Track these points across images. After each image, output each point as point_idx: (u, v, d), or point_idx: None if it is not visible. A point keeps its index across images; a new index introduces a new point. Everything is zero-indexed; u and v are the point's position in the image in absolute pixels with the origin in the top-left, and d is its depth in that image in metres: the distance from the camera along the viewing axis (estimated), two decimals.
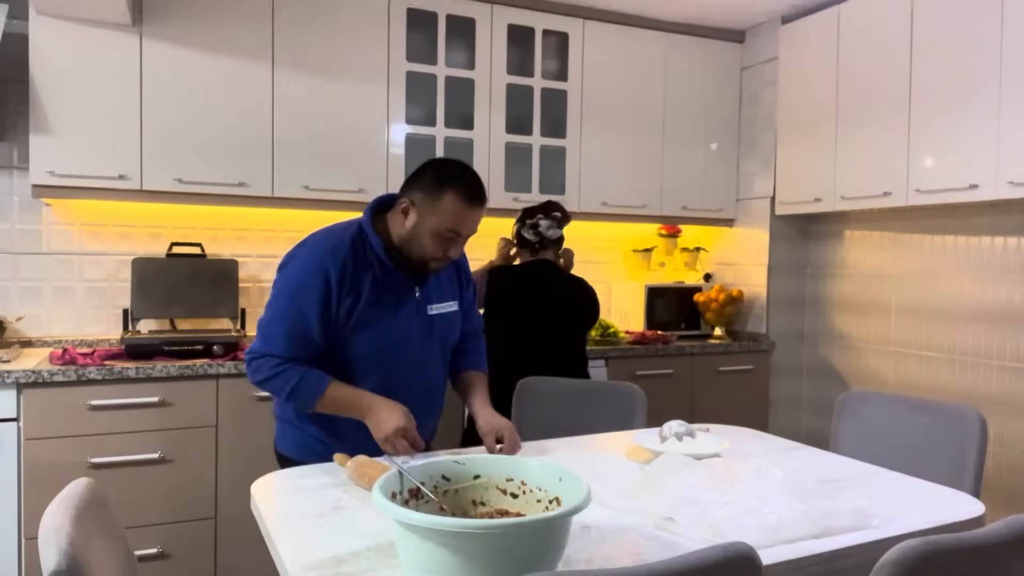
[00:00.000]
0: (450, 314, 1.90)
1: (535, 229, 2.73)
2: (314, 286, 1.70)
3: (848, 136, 3.33)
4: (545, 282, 2.74)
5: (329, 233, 1.79)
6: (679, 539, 1.32)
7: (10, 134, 2.95)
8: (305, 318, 1.70)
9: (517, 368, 2.51)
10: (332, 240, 1.76)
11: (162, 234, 3.15)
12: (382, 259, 1.76)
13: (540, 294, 2.71)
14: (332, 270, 1.71)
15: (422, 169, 1.77)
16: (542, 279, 2.74)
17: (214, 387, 2.69)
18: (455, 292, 1.93)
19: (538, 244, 2.75)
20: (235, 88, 2.95)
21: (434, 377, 1.90)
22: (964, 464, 1.95)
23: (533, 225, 2.73)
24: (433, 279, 1.86)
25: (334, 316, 1.72)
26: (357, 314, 1.73)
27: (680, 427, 1.92)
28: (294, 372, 1.71)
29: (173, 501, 2.64)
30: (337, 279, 1.71)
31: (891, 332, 3.43)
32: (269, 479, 1.65)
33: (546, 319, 2.70)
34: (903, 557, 1.02)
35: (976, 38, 2.79)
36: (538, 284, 2.73)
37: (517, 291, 2.71)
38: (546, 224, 2.73)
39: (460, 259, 1.94)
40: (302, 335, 1.71)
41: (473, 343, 2.04)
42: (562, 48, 3.55)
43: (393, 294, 1.78)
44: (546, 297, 2.72)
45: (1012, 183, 2.66)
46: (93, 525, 1.18)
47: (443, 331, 1.89)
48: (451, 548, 1.04)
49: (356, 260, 1.74)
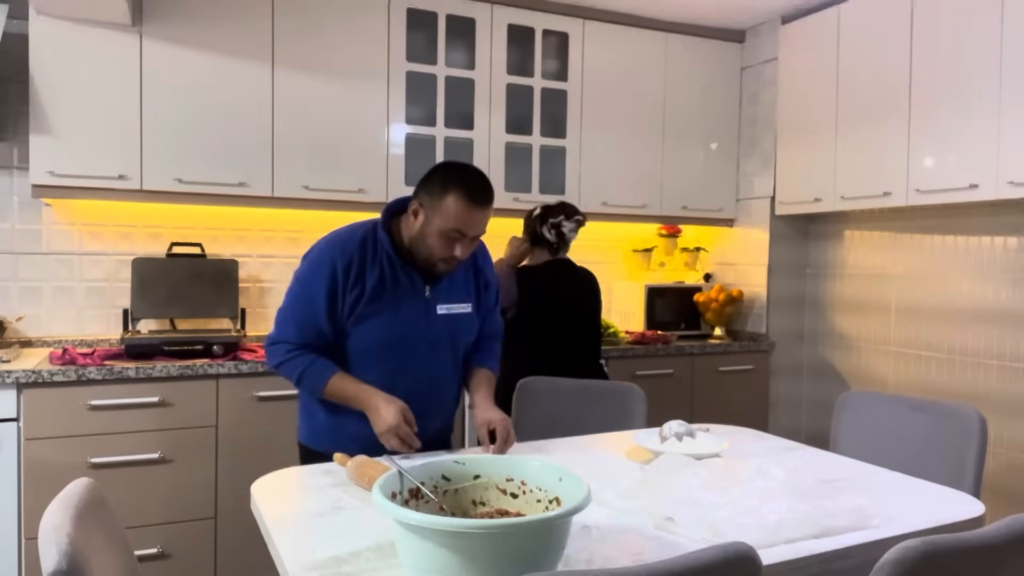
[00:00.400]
0: (463, 315, 1.92)
1: (557, 230, 2.75)
2: (322, 277, 1.77)
3: (848, 136, 3.33)
4: (579, 281, 2.81)
5: (346, 229, 1.86)
6: (679, 539, 1.32)
7: (10, 134, 2.95)
8: (314, 307, 1.78)
9: (558, 364, 2.59)
10: (345, 235, 1.83)
11: (162, 234, 3.15)
12: (391, 256, 1.81)
13: (576, 292, 2.78)
14: (340, 262, 1.77)
15: (431, 172, 1.81)
16: (574, 278, 2.80)
17: (214, 387, 2.69)
18: (470, 294, 1.95)
19: (557, 245, 2.78)
20: (235, 88, 2.95)
21: (441, 376, 1.92)
22: (964, 464, 1.95)
23: (555, 226, 2.75)
24: (447, 280, 1.89)
25: (340, 307, 1.78)
26: (360, 307, 1.78)
27: (680, 427, 1.92)
28: (303, 359, 1.80)
29: (173, 501, 2.64)
30: (343, 271, 1.77)
31: (891, 332, 3.43)
32: (269, 479, 1.65)
33: (581, 316, 2.78)
34: (903, 557, 1.02)
35: (976, 38, 2.79)
36: (572, 283, 2.79)
37: (556, 290, 2.75)
38: (569, 227, 2.76)
39: (481, 262, 1.98)
40: (311, 324, 1.79)
41: (488, 344, 2.06)
42: (562, 48, 3.55)
43: (398, 291, 1.82)
44: (582, 295, 2.79)
45: (1012, 183, 2.66)
46: (93, 525, 1.18)
47: (453, 331, 1.90)
48: (451, 548, 1.04)
49: (364, 255, 1.80)
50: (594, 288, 2.86)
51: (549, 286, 2.75)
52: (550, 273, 2.78)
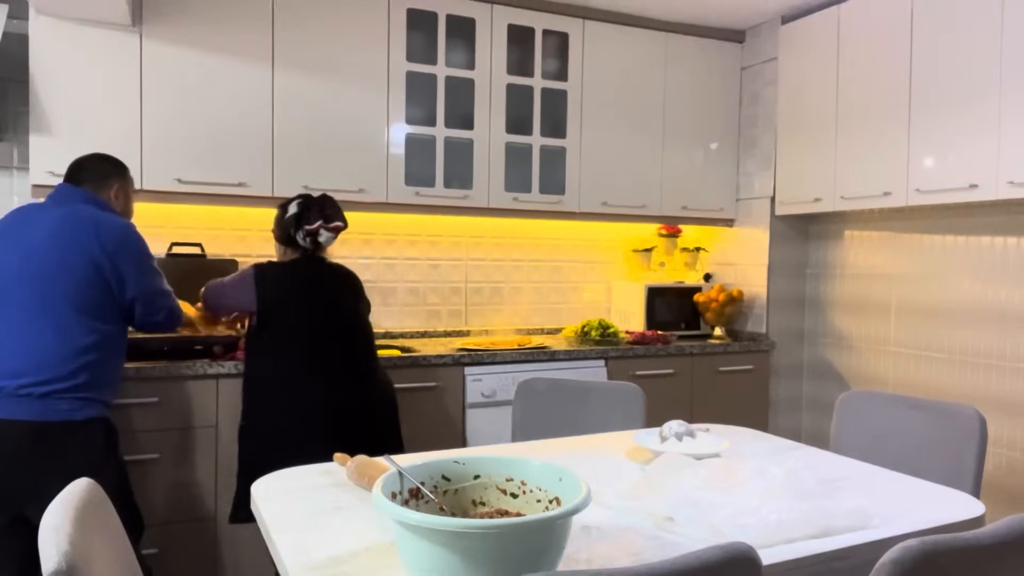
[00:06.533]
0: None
1: (313, 238, 2.46)
2: None
3: (848, 136, 3.33)
4: (337, 277, 2.52)
5: None
6: (679, 539, 1.32)
7: (10, 134, 2.94)
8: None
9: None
10: None
11: (162, 234, 3.15)
12: None
13: (337, 292, 2.51)
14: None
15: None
16: (340, 274, 2.53)
17: (214, 387, 2.69)
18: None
19: (312, 250, 2.49)
20: (235, 88, 2.95)
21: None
22: (964, 464, 1.95)
23: (311, 233, 2.45)
24: None
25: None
26: None
27: (680, 427, 1.92)
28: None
29: (173, 501, 2.64)
30: None
31: (891, 332, 3.43)
32: (269, 479, 1.65)
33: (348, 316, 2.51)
34: (903, 557, 1.02)
35: (976, 38, 2.79)
36: (333, 280, 2.51)
37: (304, 290, 2.45)
38: (326, 237, 2.47)
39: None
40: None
41: None
42: (562, 48, 3.55)
43: None
44: (343, 293, 2.52)
45: (1012, 183, 2.66)
46: (93, 525, 1.18)
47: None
48: (451, 548, 1.04)
49: None
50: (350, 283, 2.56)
51: (305, 284, 2.47)
52: (312, 274, 2.49)
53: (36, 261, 2.04)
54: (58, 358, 2.00)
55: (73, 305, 2.04)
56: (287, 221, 2.47)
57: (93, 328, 2.06)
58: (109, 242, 2.09)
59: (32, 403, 1.97)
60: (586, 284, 4.01)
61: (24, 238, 2.07)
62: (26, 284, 2.02)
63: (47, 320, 2.01)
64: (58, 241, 2.06)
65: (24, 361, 1.98)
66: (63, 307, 2.03)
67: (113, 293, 2.11)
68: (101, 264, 2.07)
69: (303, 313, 2.40)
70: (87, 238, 2.07)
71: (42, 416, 1.97)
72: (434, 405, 3.02)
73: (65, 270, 2.04)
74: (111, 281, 2.10)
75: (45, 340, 2.00)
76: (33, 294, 2.02)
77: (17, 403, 1.96)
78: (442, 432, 3.02)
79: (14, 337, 2.01)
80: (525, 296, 3.86)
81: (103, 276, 2.08)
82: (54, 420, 1.98)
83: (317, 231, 2.45)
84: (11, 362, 1.99)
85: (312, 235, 2.45)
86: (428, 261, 3.66)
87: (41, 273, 2.03)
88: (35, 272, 2.03)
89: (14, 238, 2.09)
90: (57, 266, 2.03)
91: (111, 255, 2.09)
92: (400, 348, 3.21)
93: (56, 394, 1.99)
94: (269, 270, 2.44)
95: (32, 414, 1.96)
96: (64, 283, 2.03)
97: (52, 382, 1.98)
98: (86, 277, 2.06)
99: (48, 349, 2.00)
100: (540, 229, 3.86)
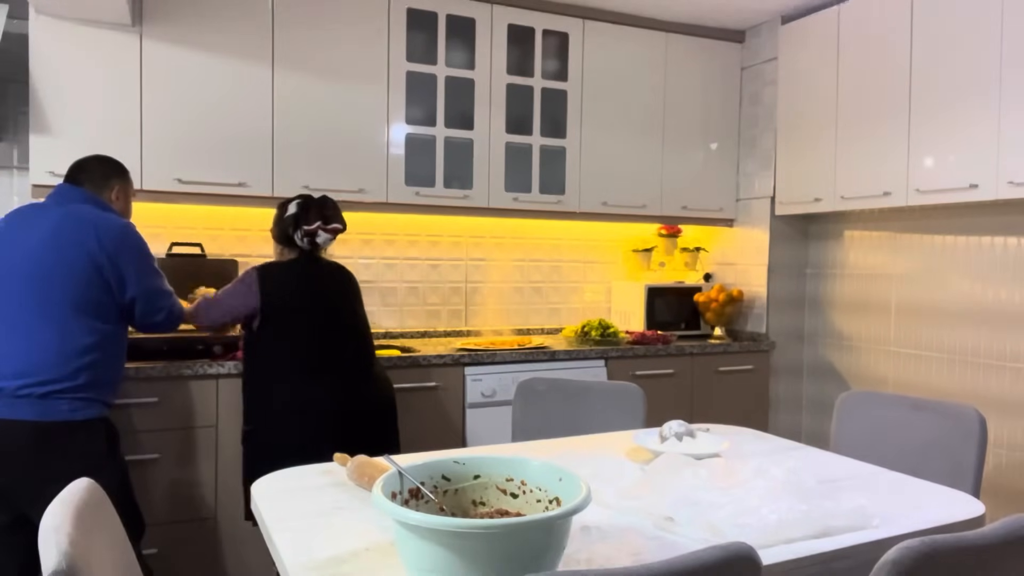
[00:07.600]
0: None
1: (311, 239, 2.47)
2: None
3: (848, 136, 3.33)
4: (336, 277, 2.55)
5: None
6: (679, 539, 1.32)
7: (10, 134, 2.94)
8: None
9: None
10: None
11: (162, 234, 3.15)
12: None
13: (337, 291, 2.52)
14: None
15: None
16: (339, 273, 2.55)
17: (214, 387, 2.69)
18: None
19: (309, 250, 2.50)
20: (235, 88, 2.95)
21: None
22: (964, 464, 1.95)
23: (309, 234, 2.45)
24: None
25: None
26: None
27: (680, 427, 1.92)
28: None
29: (173, 501, 2.64)
30: None
31: (891, 332, 3.43)
32: (269, 479, 1.65)
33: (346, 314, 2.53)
34: (903, 557, 1.02)
35: (976, 38, 2.79)
36: (333, 280, 2.53)
37: (305, 291, 2.47)
38: (324, 238, 2.48)
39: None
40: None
41: None
42: (562, 48, 3.55)
43: None
44: (343, 293, 2.54)
45: (1012, 183, 2.66)
46: (93, 525, 1.18)
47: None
48: (451, 548, 1.04)
49: None
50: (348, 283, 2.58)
51: (309, 282, 2.50)
52: (315, 273, 2.52)
53: (36, 261, 2.04)
54: (58, 358, 2.00)
55: (73, 305, 2.04)
56: (286, 221, 2.48)
57: (93, 328, 2.06)
58: (109, 242, 2.09)
59: (33, 403, 1.96)
60: (586, 284, 4.01)
61: (24, 238, 2.07)
62: (26, 284, 2.02)
63: (47, 320, 2.01)
64: (58, 241, 2.06)
65: (24, 361, 1.98)
66: (63, 307, 2.03)
67: (113, 293, 2.11)
68: (101, 264, 2.07)
69: (304, 313, 2.41)
70: (87, 238, 2.07)
71: (43, 416, 1.97)
72: (434, 405, 3.02)
73: (65, 270, 2.04)
74: (111, 281, 2.10)
75: (45, 340, 2.00)
76: (33, 294, 2.02)
77: (18, 403, 1.96)
78: (442, 432, 3.02)
79: (14, 337, 2.00)
80: (525, 296, 3.86)
81: (103, 276, 2.08)
82: (55, 420, 1.98)
83: (315, 232, 2.45)
84: (11, 362, 1.99)
85: (310, 236, 2.45)
86: (428, 261, 3.66)
87: (41, 273, 2.03)
88: (35, 272, 2.03)
89: (14, 238, 2.09)
90: (57, 266, 2.03)
91: (111, 255, 2.09)
92: (400, 348, 3.21)
93: (57, 394, 1.99)
94: (271, 270, 2.45)
95: (33, 414, 1.96)
96: (64, 283, 2.03)
97: (53, 382, 1.98)
98: (86, 277, 2.06)
99: (48, 349, 2.00)
100: (540, 229, 3.86)
